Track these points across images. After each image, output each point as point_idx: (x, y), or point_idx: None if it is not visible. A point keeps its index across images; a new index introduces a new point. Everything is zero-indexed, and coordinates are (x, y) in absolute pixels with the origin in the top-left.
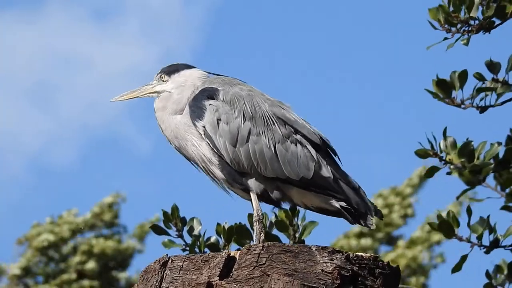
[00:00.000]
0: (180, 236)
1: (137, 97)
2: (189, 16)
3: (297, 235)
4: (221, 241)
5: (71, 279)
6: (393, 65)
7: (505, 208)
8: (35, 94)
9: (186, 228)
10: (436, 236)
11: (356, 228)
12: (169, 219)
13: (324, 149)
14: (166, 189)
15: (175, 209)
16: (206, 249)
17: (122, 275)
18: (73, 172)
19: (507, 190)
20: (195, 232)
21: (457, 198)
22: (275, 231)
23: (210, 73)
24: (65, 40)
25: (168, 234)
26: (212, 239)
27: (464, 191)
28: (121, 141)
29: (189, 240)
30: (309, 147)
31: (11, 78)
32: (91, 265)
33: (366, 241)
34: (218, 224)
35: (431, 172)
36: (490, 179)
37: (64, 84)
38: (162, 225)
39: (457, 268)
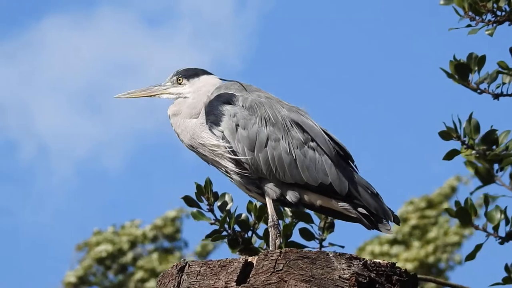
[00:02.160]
0: (211, 210)
1: (146, 96)
2: (241, 23)
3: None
4: (251, 219)
5: None
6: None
7: None
8: (87, 99)
9: (217, 204)
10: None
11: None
12: (202, 192)
13: (341, 155)
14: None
15: (208, 183)
16: (235, 226)
17: None
18: (121, 178)
19: None
20: (227, 208)
21: (471, 193)
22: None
23: (224, 79)
24: (116, 46)
25: (199, 207)
26: (243, 216)
27: (478, 187)
28: (172, 147)
29: (219, 215)
30: (327, 153)
31: (63, 83)
32: (151, 284)
33: (398, 248)
34: (250, 202)
35: (451, 155)
36: (505, 178)
37: (116, 90)
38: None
39: (471, 256)
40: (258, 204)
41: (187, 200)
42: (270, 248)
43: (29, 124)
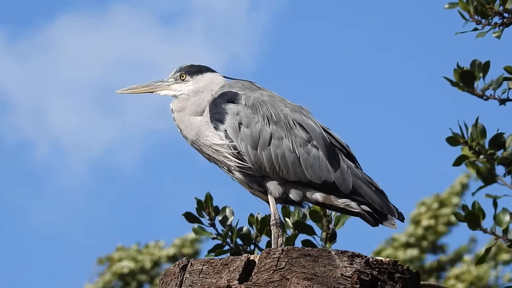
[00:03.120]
0: (213, 225)
1: (148, 92)
2: (254, 22)
3: (330, 226)
4: (253, 232)
5: None
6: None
7: None
8: (101, 98)
9: (218, 218)
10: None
11: (402, 237)
12: (203, 207)
13: (344, 153)
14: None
15: (208, 197)
16: (238, 239)
17: None
18: (135, 177)
19: None
20: (228, 222)
21: (473, 194)
22: (309, 221)
23: (228, 77)
24: (131, 45)
25: (201, 222)
26: (244, 230)
27: (480, 188)
28: (187, 146)
29: (220, 229)
30: (325, 153)
31: (78, 82)
32: None
33: (412, 251)
34: (251, 215)
35: (460, 160)
36: (507, 178)
37: None
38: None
39: (481, 260)
40: (260, 216)
41: (188, 216)
42: (273, 246)
43: (44, 123)
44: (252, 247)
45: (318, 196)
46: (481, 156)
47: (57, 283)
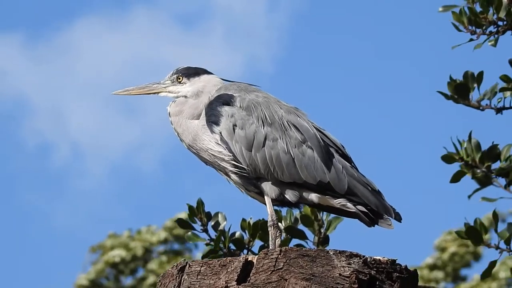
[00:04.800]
0: (205, 230)
1: (144, 94)
2: (272, 23)
3: (322, 230)
4: (246, 237)
5: None
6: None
7: None
8: (121, 101)
9: (211, 223)
10: None
11: (429, 260)
12: (194, 213)
13: (339, 153)
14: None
15: (200, 203)
16: (230, 244)
17: None
18: (155, 179)
19: None
20: (220, 227)
21: (469, 197)
22: (300, 226)
23: (225, 80)
24: (150, 46)
25: (193, 229)
26: (237, 235)
27: (476, 190)
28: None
29: (213, 235)
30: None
31: (97, 85)
32: None
33: (437, 274)
34: (243, 220)
35: (457, 176)
36: (502, 179)
37: None
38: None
39: (486, 273)
40: (252, 221)
41: (180, 222)
42: (270, 247)
43: (64, 126)
44: (245, 252)
45: (314, 196)
46: (478, 171)
47: (52, 275)
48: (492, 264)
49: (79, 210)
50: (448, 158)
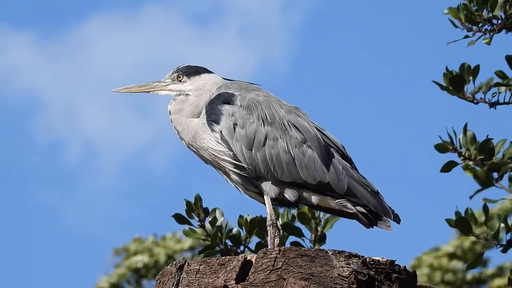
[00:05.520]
0: (202, 226)
1: (144, 92)
2: (287, 22)
3: (319, 228)
4: (243, 233)
5: None
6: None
7: None
8: (133, 99)
9: (208, 219)
10: None
11: (449, 248)
12: (192, 209)
13: (339, 154)
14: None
15: (198, 199)
16: (227, 241)
17: None
18: (166, 177)
19: None
20: (217, 223)
21: (470, 197)
22: (297, 223)
23: (226, 79)
24: (163, 45)
25: (190, 224)
26: (234, 231)
27: (478, 191)
28: None
29: (210, 230)
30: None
31: (109, 82)
32: None
33: (457, 264)
34: (241, 216)
35: (448, 167)
36: (504, 180)
37: None
38: (185, 214)
39: (472, 265)
40: (249, 218)
41: (178, 218)
42: (269, 247)
43: (76, 123)
44: (242, 248)
45: (313, 197)
46: (471, 163)
47: (73, 277)
48: (479, 255)
49: (91, 208)
50: (441, 147)
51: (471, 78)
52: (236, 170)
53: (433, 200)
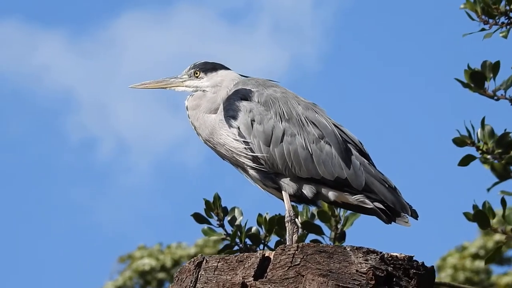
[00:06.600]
0: (221, 225)
1: (161, 88)
2: (319, 19)
3: (339, 226)
4: (262, 232)
5: None
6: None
7: None
8: (166, 96)
9: (227, 218)
10: None
11: (473, 249)
12: (211, 208)
13: (357, 150)
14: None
15: (217, 198)
16: (247, 239)
17: None
18: (199, 175)
19: None
20: (237, 222)
21: (488, 190)
22: (317, 221)
23: (242, 75)
24: (195, 42)
25: (209, 223)
26: (253, 230)
27: (495, 184)
28: None
29: (229, 229)
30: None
31: (142, 80)
32: None
33: (480, 263)
34: (260, 215)
35: (466, 160)
36: None
37: None
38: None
39: (490, 259)
40: (268, 216)
41: (197, 217)
42: (287, 243)
43: (108, 121)
44: (261, 247)
45: (331, 193)
46: (489, 156)
47: (81, 282)
48: (498, 249)
49: (123, 206)
50: (459, 141)
51: (491, 75)
52: (254, 165)
53: (453, 196)
